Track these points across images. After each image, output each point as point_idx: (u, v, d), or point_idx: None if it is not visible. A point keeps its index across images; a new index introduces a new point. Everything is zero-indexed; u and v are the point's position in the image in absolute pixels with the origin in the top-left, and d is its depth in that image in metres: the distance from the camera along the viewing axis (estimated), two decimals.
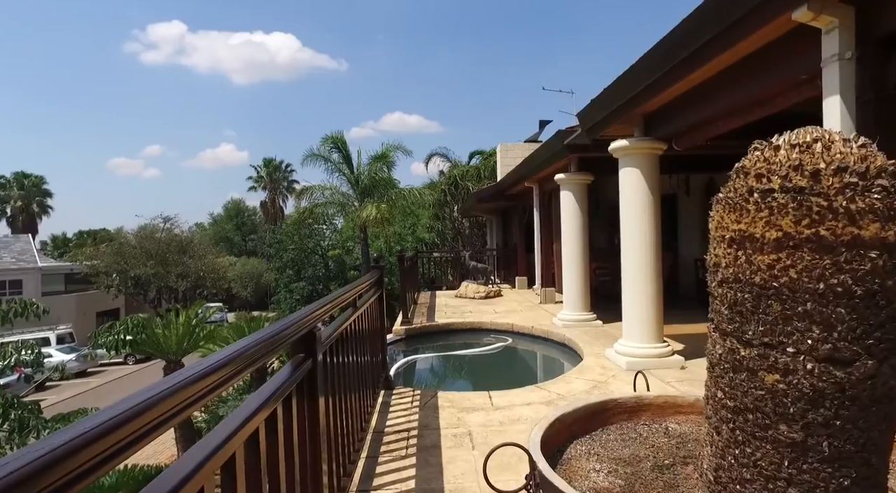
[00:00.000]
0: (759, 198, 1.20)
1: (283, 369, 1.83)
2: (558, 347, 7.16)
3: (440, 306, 10.60)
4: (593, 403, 2.19)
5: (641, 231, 5.29)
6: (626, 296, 5.47)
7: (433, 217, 24.09)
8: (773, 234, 1.13)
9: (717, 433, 1.40)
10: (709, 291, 1.55)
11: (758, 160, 1.28)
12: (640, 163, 5.30)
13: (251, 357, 1.39)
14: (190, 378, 1.07)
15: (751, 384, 1.18)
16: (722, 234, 1.34)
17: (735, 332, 1.29)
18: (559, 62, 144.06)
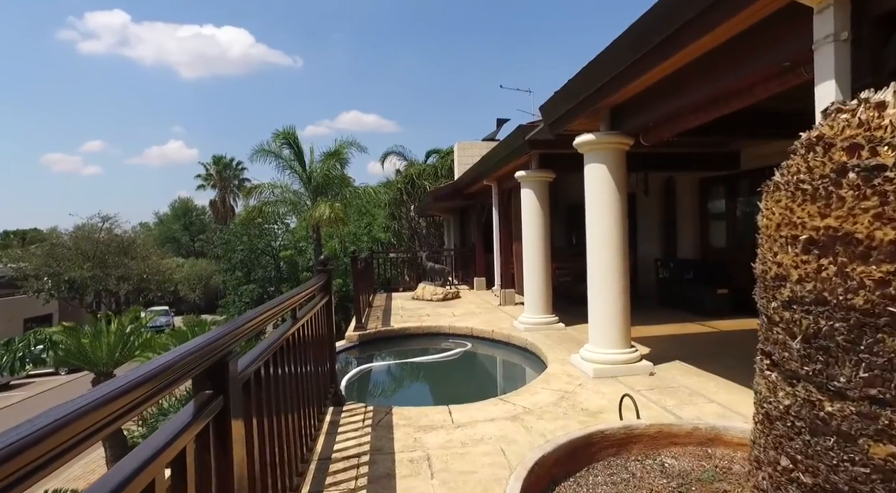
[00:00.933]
0: (859, 179, 0.82)
1: (180, 414, 1.38)
2: (520, 352, 6.84)
3: (396, 309, 10.15)
4: (576, 438, 1.82)
5: (608, 230, 5.01)
6: (592, 299, 5.19)
7: (389, 217, 23.56)
8: (889, 234, 0.77)
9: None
10: (761, 311, 1.19)
11: (846, 126, 0.91)
12: (607, 158, 5.02)
13: (95, 420, 0.94)
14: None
15: (845, 456, 0.81)
16: (791, 233, 0.97)
17: (815, 376, 0.91)
18: (517, 61, 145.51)
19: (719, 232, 8.80)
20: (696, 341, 6.43)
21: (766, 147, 7.52)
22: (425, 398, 5.49)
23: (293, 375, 2.81)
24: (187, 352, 1.32)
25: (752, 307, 7.33)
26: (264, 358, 2.12)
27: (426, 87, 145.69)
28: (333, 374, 4.36)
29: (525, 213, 7.57)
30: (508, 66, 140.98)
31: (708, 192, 9.02)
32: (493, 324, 8.00)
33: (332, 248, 19.19)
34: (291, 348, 2.83)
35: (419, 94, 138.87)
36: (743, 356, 5.85)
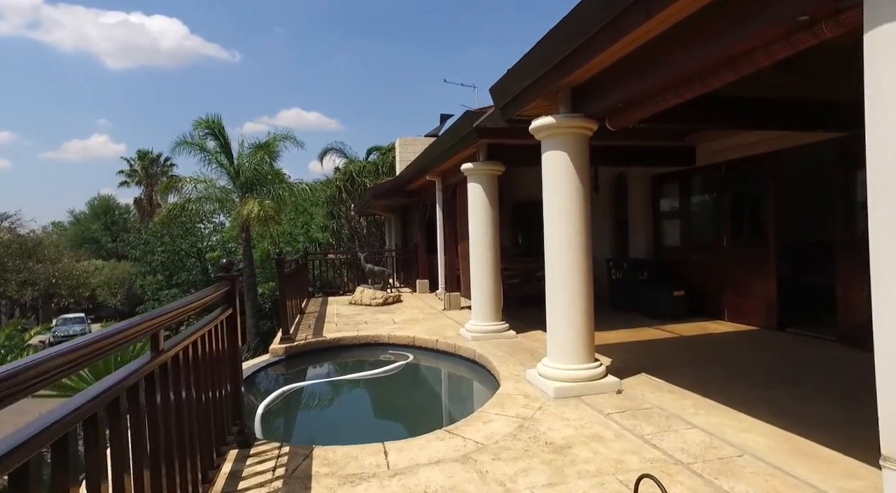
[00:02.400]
0: None
1: None
2: (468, 365, 6.13)
3: (331, 316, 9.23)
4: None
5: (570, 226, 4.36)
6: (551, 306, 4.52)
7: (328, 216, 22.43)
8: None
9: None
10: None
11: None
12: (568, 145, 4.37)
13: None
14: None
15: None
16: None
17: None
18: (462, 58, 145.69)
19: (673, 231, 8.44)
20: (658, 348, 5.93)
21: (722, 142, 7.16)
22: (358, 430, 4.67)
23: (166, 415, 1.96)
24: None
25: (709, 309, 6.87)
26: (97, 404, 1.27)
27: (369, 84, 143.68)
28: (238, 406, 3.46)
29: (472, 209, 6.87)
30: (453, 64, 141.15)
31: (661, 188, 8.64)
32: (437, 332, 7.25)
33: (264, 249, 17.86)
34: (162, 383, 1.99)
35: (362, 91, 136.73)
36: (711, 365, 5.36)
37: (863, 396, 4.17)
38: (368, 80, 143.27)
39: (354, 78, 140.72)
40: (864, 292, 5.50)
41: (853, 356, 5.24)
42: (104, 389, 1.57)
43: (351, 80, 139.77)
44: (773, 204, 6.60)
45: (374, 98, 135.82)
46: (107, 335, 1.62)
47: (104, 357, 1.62)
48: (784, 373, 4.74)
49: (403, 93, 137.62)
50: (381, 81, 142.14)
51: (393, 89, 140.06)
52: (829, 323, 6.22)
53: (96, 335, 1.57)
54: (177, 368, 2.27)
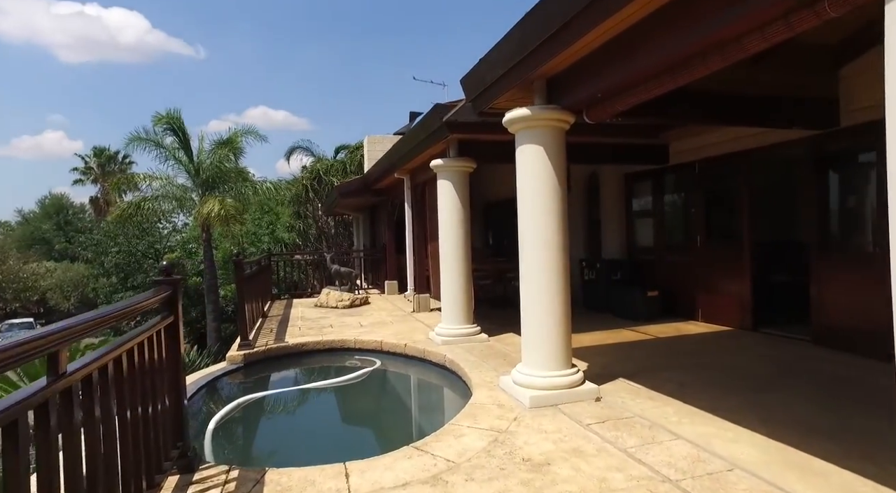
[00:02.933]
0: None
1: None
2: (438, 371, 5.83)
3: (295, 319, 8.80)
4: None
5: (546, 225, 4.11)
6: (526, 309, 4.26)
7: (294, 216, 21.82)
8: None
9: None
10: None
11: None
12: (544, 138, 4.12)
13: None
14: None
15: None
16: None
17: None
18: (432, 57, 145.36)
19: (646, 230, 8.31)
20: (635, 351, 5.74)
21: (695, 140, 7.05)
22: (319, 445, 4.31)
23: (72, 448, 1.60)
24: None
25: (682, 309, 6.67)
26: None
27: (340, 83, 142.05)
28: (181, 425, 3.08)
29: (442, 207, 6.57)
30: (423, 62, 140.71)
31: (634, 187, 8.52)
32: (406, 336, 6.93)
33: (228, 250, 17.15)
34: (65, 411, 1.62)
35: (332, 90, 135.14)
36: (690, 369, 5.08)
37: (846, 401, 4.05)
38: (338, 79, 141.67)
39: (324, 76, 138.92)
40: (840, 293, 5.43)
41: (829, 357, 5.14)
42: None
43: (320, 78, 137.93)
44: (747, 203, 6.51)
45: (344, 97, 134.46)
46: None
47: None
48: (764, 377, 4.59)
49: (373, 91, 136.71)
50: (351, 80, 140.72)
51: (363, 88, 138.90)
52: (802, 323, 6.15)
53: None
54: (90, 389, 1.90)
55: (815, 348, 5.53)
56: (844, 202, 5.69)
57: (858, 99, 5.15)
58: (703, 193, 7.16)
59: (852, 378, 4.46)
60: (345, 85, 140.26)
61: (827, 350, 5.42)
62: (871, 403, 3.83)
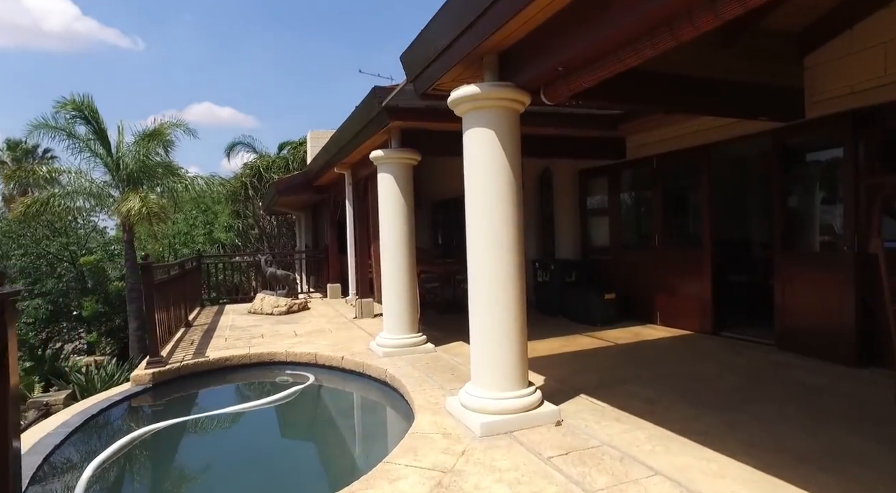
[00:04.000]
0: None
1: None
2: (379, 387, 5.17)
3: (223, 329, 7.93)
4: None
5: (500, 221, 3.53)
6: (475, 322, 3.68)
7: (233, 215, 20.56)
8: None
9: None
10: None
11: None
12: (496, 121, 3.54)
13: None
14: None
15: None
16: None
17: None
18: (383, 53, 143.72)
19: (602, 230, 7.92)
20: (594, 360, 5.27)
21: (653, 133, 6.69)
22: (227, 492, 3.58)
23: None
24: None
25: (640, 312, 6.11)
26: None
27: (288, 78, 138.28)
28: (6, 480, 2.31)
29: (384, 204, 5.92)
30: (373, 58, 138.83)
31: (589, 184, 8.11)
32: (344, 346, 6.24)
33: (157, 251, 15.79)
34: None
35: (281, 86, 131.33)
36: (656, 382, 4.12)
37: (827, 417, 3.57)
38: (287, 75, 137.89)
39: (272, 71, 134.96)
40: (805, 295, 5.13)
41: (796, 363, 4.82)
42: None
43: (269, 73, 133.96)
44: (707, 200, 6.18)
45: (294, 93, 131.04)
46: None
47: None
48: (736, 389, 4.18)
49: (323, 87, 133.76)
50: (301, 76, 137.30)
51: (312, 84, 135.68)
52: (764, 326, 5.88)
53: None
54: None
55: (779, 353, 5.22)
56: (810, 199, 5.41)
57: (822, 89, 4.86)
58: (662, 189, 6.80)
59: (825, 388, 4.10)
60: (295, 80, 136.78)
61: (792, 355, 5.11)
62: (852, 418, 3.45)
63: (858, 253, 4.60)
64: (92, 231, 17.58)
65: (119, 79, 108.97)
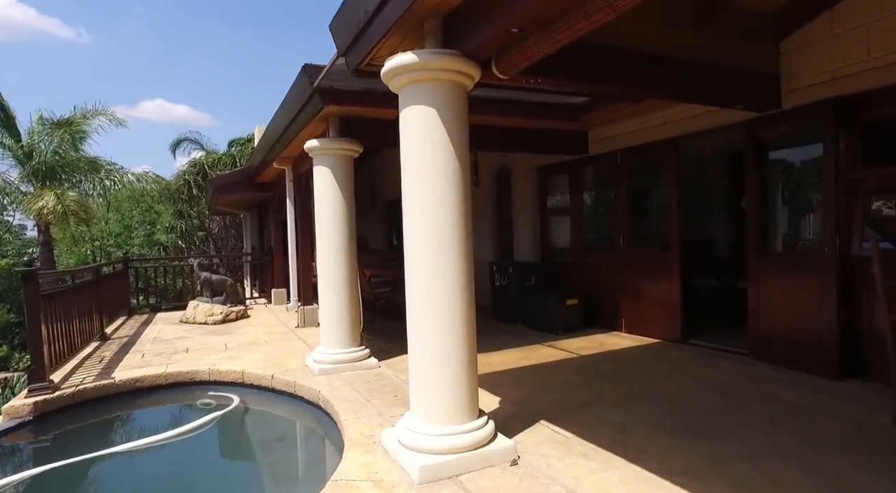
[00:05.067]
0: None
1: None
2: (312, 412, 4.48)
3: (144, 342, 7.03)
4: None
5: (443, 221, 2.92)
6: (415, 342, 3.05)
7: (176, 215, 19.30)
8: None
9: None
10: None
11: None
12: (440, 98, 2.92)
13: None
14: None
15: None
16: None
17: None
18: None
19: (563, 230, 7.42)
20: (556, 376, 4.71)
21: (617, 126, 6.21)
22: None
23: None
24: None
25: (603, 319, 5.31)
26: None
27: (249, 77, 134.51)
28: None
29: (320, 200, 5.22)
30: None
31: (549, 181, 7.60)
32: (278, 362, 5.51)
33: (83, 255, 14.47)
34: None
35: (238, 84, 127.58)
36: (625, 403, 3.25)
37: (824, 447, 2.90)
38: (245, 72, 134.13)
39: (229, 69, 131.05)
40: (782, 301, 4.70)
41: (775, 376, 4.38)
42: None
43: (225, 69, 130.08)
44: (675, 198, 5.73)
45: (252, 91, 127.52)
46: None
47: None
48: (715, 410, 3.68)
49: (283, 85, 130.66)
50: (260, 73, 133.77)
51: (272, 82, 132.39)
52: (734, 332, 5.49)
53: None
54: None
55: (754, 364, 4.79)
56: (788, 196, 5.01)
57: (800, 76, 4.45)
58: (626, 186, 6.33)
59: (811, 408, 3.65)
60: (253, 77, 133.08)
61: (768, 366, 4.69)
62: (851, 448, 2.99)
63: (840, 255, 4.19)
64: (6, 232, 15.99)
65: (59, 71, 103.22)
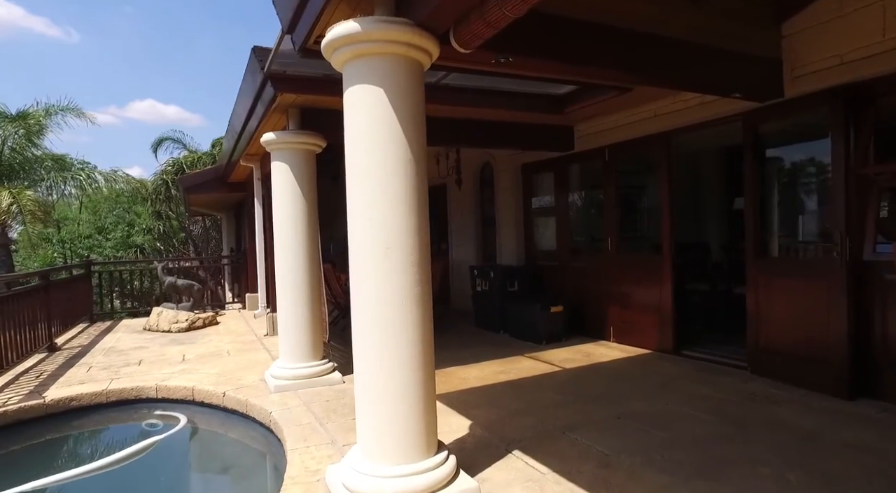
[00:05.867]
0: None
1: None
2: (263, 435, 4.00)
3: (97, 353, 6.51)
4: None
5: (394, 219, 2.45)
6: (361, 365, 2.57)
7: (155, 216, 18.71)
8: None
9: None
10: None
11: None
12: (389, 75, 2.46)
13: None
14: None
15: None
16: None
17: None
18: None
19: (548, 232, 6.97)
20: (536, 393, 4.25)
21: (605, 120, 5.78)
22: None
23: None
24: None
25: (591, 327, 4.76)
26: None
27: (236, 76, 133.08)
28: None
29: (278, 199, 4.75)
30: None
31: (534, 180, 7.16)
32: (235, 376, 5.03)
33: (50, 257, 13.84)
34: None
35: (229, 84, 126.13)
36: (612, 428, 2.43)
37: (837, 481, 2.48)
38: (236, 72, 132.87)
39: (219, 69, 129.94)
40: (784, 309, 4.19)
41: (779, 396, 3.95)
42: None
43: (215, 71, 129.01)
44: (667, 197, 5.30)
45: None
46: None
47: None
48: (713, 439, 3.23)
49: None
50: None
51: None
52: (731, 342, 5.08)
53: None
54: None
55: (754, 380, 4.36)
56: (790, 196, 4.59)
57: (804, 61, 4.01)
58: (615, 185, 5.89)
59: (823, 436, 3.21)
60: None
61: (769, 382, 4.26)
62: (873, 488, 2.54)
63: (850, 259, 3.76)
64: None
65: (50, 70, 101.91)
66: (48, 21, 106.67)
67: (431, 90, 4.61)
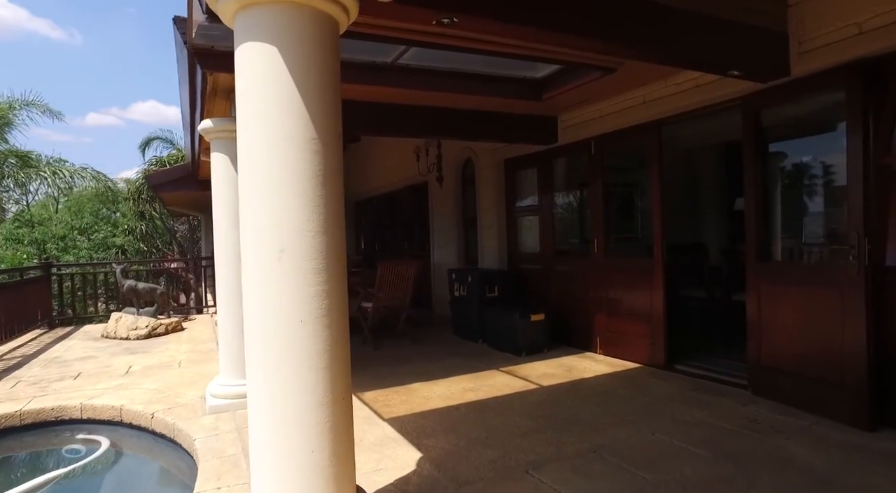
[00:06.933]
0: None
1: None
2: (189, 466, 3.45)
3: (34, 364, 5.95)
4: None
5: (294, 217, 1.90)
6: (253, 397, 2.02)
7: (137, 216, 18.19)
8: None
9: None
10: None
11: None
12: (286, 29, 1.91)
13: None
14: None
15: None
16: None
17: None
18: None
19: (531, 233, 6.42)
20: (503, 417, 3.69)
21: (589, 109, 5.23)
22: None
23: None
24: None
25: (576, 337, 4.00)
26: None
27: None
28: None
29: (217, 195, 4.23)
30: None
31: (516, 177, 6.61)
32: (174, 393, 4.49)
33: (18, 258, 13.33)
34: None
35: None
36: (586, 465, 2.23)
37: None
38: None
39: None
40: (789, 323, 3.00)
41: (786, 423, 3.39)
42: None
43: None
44: (658, 194, 4.75)
45: None
46: None
47: None
48: (711, 485, 2.67)
49: None
50: None
51: None
52: (729, 355, 4.54)
53: None
54: None
55: (756, 403, 3.80)
56: (797, 192, 4.04)
57: (814, 32, 3.44)
58: (602, 181, 5.34)
59: (842, 481, 2.64)
60: None
61: (774, 407, 3.70)
62: None
63: (870, 265, 3.21)
64: None
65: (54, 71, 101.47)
66: (52, 23, 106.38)
67: (388, 71, 4.10)
